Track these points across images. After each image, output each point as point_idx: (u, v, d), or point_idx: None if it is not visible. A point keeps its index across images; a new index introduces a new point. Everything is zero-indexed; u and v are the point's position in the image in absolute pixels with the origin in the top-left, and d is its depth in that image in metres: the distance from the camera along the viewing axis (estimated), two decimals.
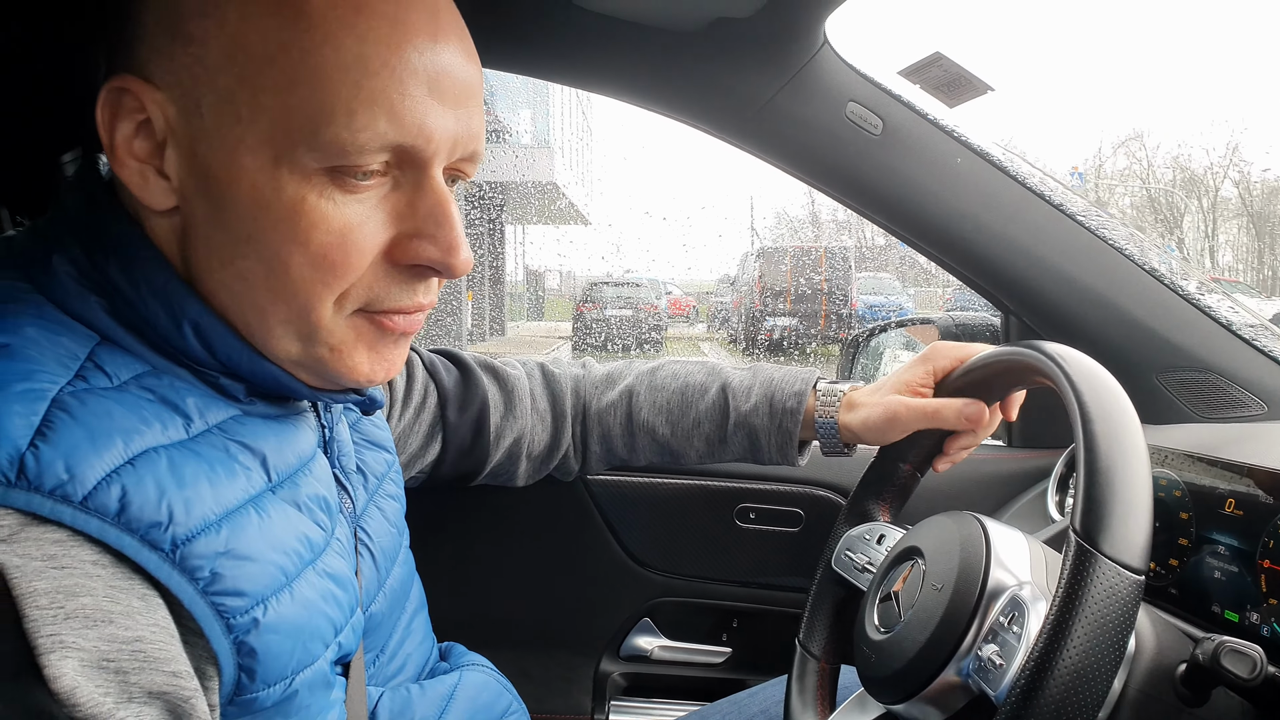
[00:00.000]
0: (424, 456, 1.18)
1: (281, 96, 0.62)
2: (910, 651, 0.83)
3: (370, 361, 0.70)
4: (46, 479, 0.54)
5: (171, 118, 0.64)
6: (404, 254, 0.67)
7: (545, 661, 1.49)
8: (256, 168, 0.63)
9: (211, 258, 0.66)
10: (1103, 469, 0.73)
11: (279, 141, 0.62)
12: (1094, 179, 32.35)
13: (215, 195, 0.64)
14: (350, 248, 0.65)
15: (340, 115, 0.62)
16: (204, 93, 0.63)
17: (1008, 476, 1.39)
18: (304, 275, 0.64)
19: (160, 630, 0.57)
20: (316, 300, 0.66)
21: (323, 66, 0.61)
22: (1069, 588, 0.69)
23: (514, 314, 24.47)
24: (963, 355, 1.07)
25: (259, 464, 0.68)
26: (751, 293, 16.86)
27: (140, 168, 0.65)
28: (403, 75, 0.63)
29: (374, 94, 0.62)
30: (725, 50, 1.22)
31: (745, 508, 1.44)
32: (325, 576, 0.70)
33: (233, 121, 0.63)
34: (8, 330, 0.61)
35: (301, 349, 0.68)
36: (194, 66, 0.63)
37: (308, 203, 0.63)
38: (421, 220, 0.67)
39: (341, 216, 0.64)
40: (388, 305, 0.69)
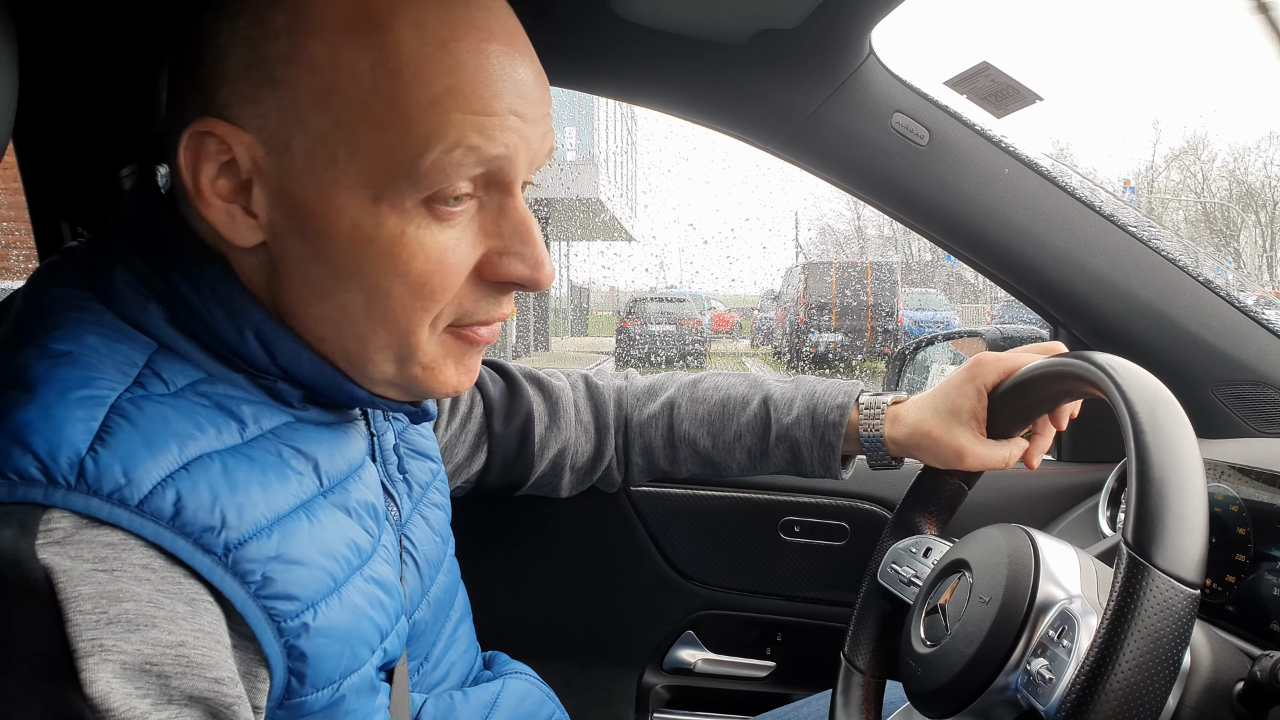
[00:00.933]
0: (470, 466, 1.19)
1: (377, 136, 0.63)
2: (957, 665, 0.82)
3: (458, 374, 0.73)
4: (105, 483, 0.55)
5: (260, 159, 0.65)
6: (493, 271, 0.70)
7: (588, 672, 1.49)
8: (356, 205, 0.64)
9: (309, 292, 0.68)
10: (1156, 480, 0.71)
11: (378, 180, 0.64)
12: (1146, 193, 31.83)
13: (311, 232, 0.65)
14: (447, 273, 0.67)
15: (436, 147, 0.63)
16: (294, 134, 0.64)
17: (1057, 491, 1.37)
18: (404, 303, 0.67)
19: (205, 635, 0.57)
20: (416, 324, 0.68)
21: (416, 104, 0.63)
22: (1121, 601, 0.68)
23: (557, 329, 24.58)
24: (1010, 366, 1.05)
25: (311, 469, 0.69)
26: (796, 308, 16.79)
27: (227, 207, 0.66)
28: (489, 100, 0.65)
29: (465, 122, 0.64)
30: (770, 62, 1.22)
31: (790, 521, 1.43)
32: (372, 582, 0.71)
33: (327, 162, 0.64)
34: (69, 338, 0.62)
35: (397, 370, 0.70)
36: (283, 110, 0.64)
37: (407, 235, 0.65)
38: (508, 239, 0.69)
39: (437, 244, 0.66)
40: (476, 319, 0.71)
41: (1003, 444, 1.06)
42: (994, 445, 1.06)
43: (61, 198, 1.35)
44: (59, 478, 0.55)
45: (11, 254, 8.73)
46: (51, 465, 0.55)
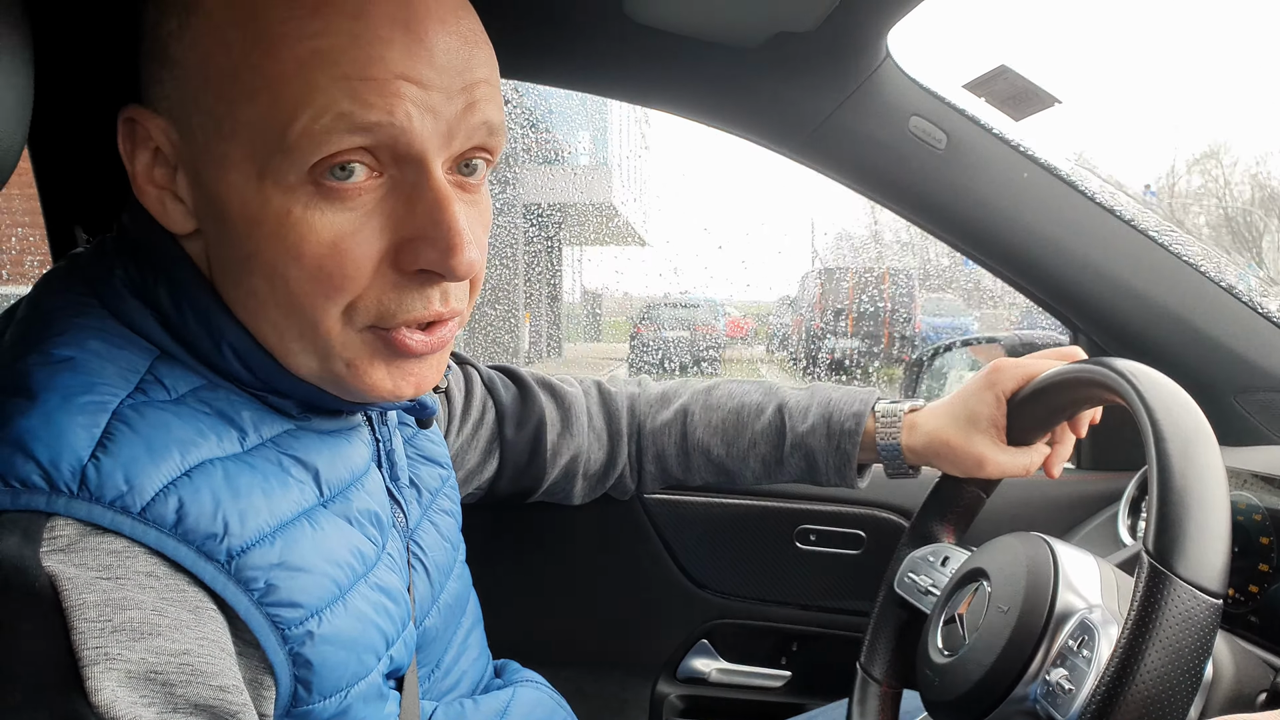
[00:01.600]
0: (481, 473, 1.19)
1: (250, 107, 0.61)
2: (975, 675, 0.81)
3: (392, 377, 0.68)
4: (107, 490, 0.55)
5: (175, 142, 0.65)
6: (407, 259, 0.64)
7: (601, 681, 1.48)
8: (243, 183, 0.62)
9: (227, 277, 0.66)
10: (1177, 488, 0.70)
11: (258, 154, 0.61)
12: (1167, 197, 31.63)
13: (218, 215, 0.64)
14: (344, 257, 0.62)
15: (303, 109, 0.59)
16: (191, 113, 0.63)
17: (1076, 499, 1.36)
18: (304, 289, 0.63)
19: (209, 644, 0.57)
20: (320, 313, 0.64)
21: (282, 70, 0.60)
22: (1142, 610, 0.67)
23: (571, 334, 24.60)
24: (1029, 373, 1.04)
25: (311, 478, 0.69)
26: (812, 313, 16.75)
27: (159, 194, 0.66)
28: (366, 64, 0.60)
29: (333, 81, 0.60)
30: (786, 65, 1.21)
31: (805, 529, 1.42)
32: (377, 589, 0.71)
33: (217, 139, 0.62)
34: (72, 344, 0.62)
35: (319, 365, 0.67)
36: (180, 88, 0.63)
37: (293, 214, 0.61)
38: (420, 221, 0.64)
39: (331, 226, 0.62)
40: (401, 317, 0.66)
41: (1023, 451, 1.05)
42: (1014, 452, 1.04)
43: (76, 203, 1.36)
44: (61, 485, 0.55)
45: (26, 259, 8.82)
46: (54, 473, 0.55)
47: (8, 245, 8.64)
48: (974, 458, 1.04)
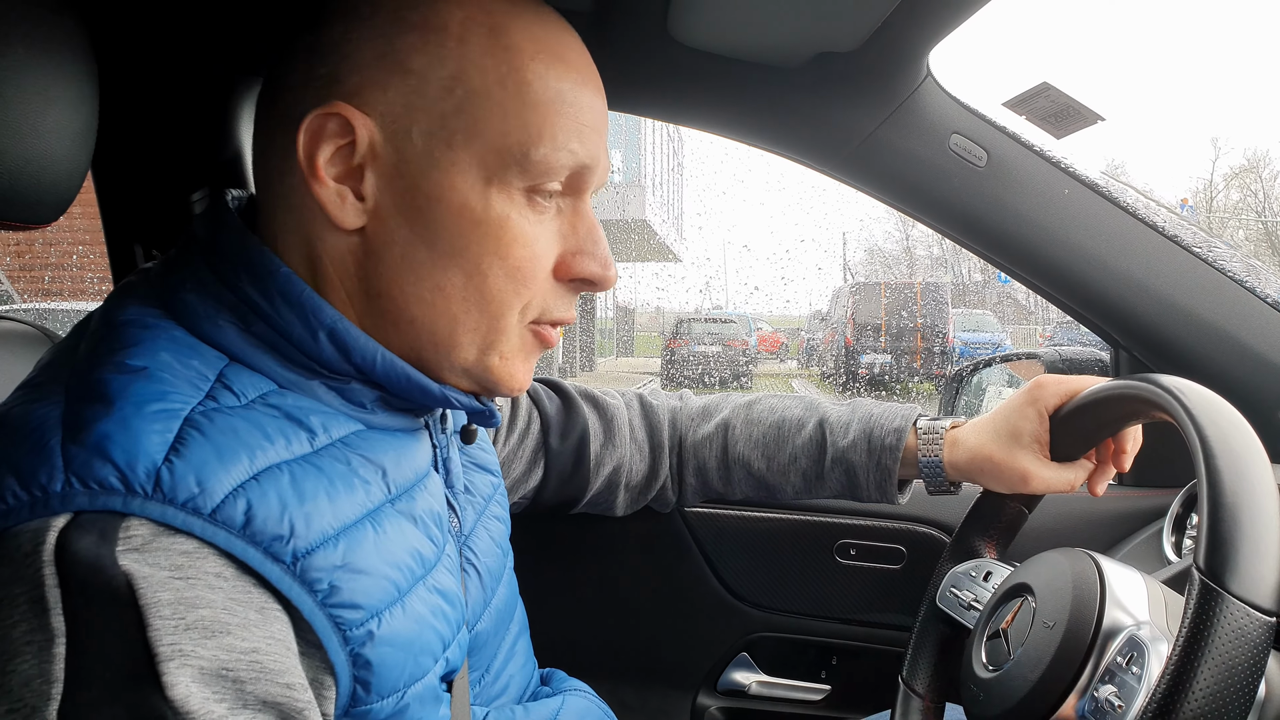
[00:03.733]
0: (527, 482, 1.20)
1: (496, 123, 0.70)
2: (1021, 691, 0.81)
3: (524, 372, 0.77)
4: (179, 492, 0.57)
5: (377, 143, 0.69)
6: (568, 270, 0.75)
7: (643, 693, 1.49)
8: (467, 187, 0.70)
9: (408, 273, 0.71)
10: (1228, 505, 0.70)
11: (491, 164, 0.70)
12: (1205, 212, 31.13)
13: (420, 213, 0.70)
14: (538, 261, 0.73)
15: (547, 139, 0.71)
16: (417, 118, 0.69)
17: (1118, 516, 1.35)
18: (500, 286, 0.72)
19: (276, 642, 0.59)
20: (508, 309, 0.73)
21: (534, 100, 0.70)
22: (1194, 628, 0.66)
23: (603, 349, 24.63)
24: (1071, 389, 1.04)
25: (379, 476, 0.71)
26: (844, 329, 16.67)
27: (338, 189, 0.70)
28: (583, 112, 0.73)
29: (570, 121, 0.72)
30: (827, 84, 1.22)
31: (845, 544, 1.42)
32: (435, 592, 0.72)
33: (446, 146, 0.69)
34: (144, 355, 0.65)
35: (478, 356, 0.74)
36: (410, 96, 0.69)
37: (512, 219, 0.71)
38: (582, 239, 0.76)
39: (534, 233, 0.72)
40: (554, 316, 0.76)
41: (1068, 467, 1.05)
42: (1059, 468, 1.04)
43: (135, 222, 1.39)
44: (137, 487, 0.57)
45: (86, 276, 8.97)
46: (130, 475, 0.57)
47: (69, 262, 8.82)
48: (1018, 473, 1.05)
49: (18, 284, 9.99)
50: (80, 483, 0.56)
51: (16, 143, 0.81)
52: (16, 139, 0.81)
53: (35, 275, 10.01)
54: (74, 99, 0.87)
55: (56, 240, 9.56)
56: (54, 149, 0.85)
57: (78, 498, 0.56)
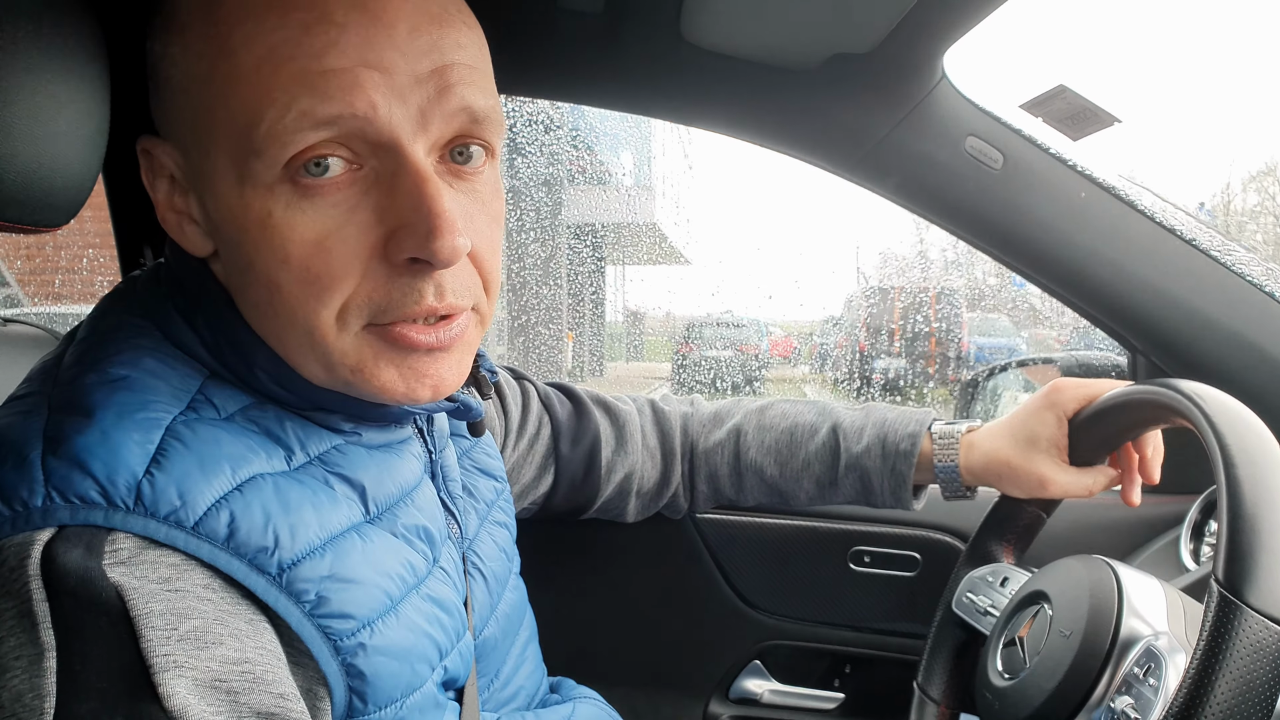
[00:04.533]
0: (537, 488, 1.20)
1: (222, 113, 0.61)
2: (1037, 699, 0.80)
3: (404, 379, 0.66)
4: (161, 505, 0.57)
5: (180, 165, 0.66)
6: (392, 250, 0.62)
7: (654, 700, 1.48)
8: (228, 192, 0.62)
9: (238, 295, 0.67)
10: (1248, 515, 0.69)
11: (235, 160, 0.61)
12: (1223, 215, 30.91)
13: (218, 230, 0.65)
14: (329, 255, 0.61)
15: (266, 109, 0.59)
16: (185, 133, 0.64)
17: (1135, 522, 1.33)
18: (294, 292, 0.62)
19: (267, 653, 0.58)
20: (314, 317, 0.63)
21: (241, 68, 0.60)
22: (1211, 641, 0.66)
23: (612, 354, 24.61)
24: (1089, 394, 1.03)
25: (358, 496, 0.70)
26: (857, 333, 16.62)
27: (178, 219, 0.68)
28: (319, 51, 0.59)
29: (291, 76, 0.59)
30: (841, 86, 1.22)
31: (859, 550, 1.41)
32: (429, 601, 0.71)
33: (201, 152, 0.63)
34: (128, 364, 0.64)
35: (326, 373, 0.66)
36: (173, 109, 0.65)
37: (275, 216, 0.61)
38: (402, 212, 0.62)
39: (313, 224, 0.61)
40: (394, 314, 0.63)
41: (1086, 471, 1.03)
42: (1077, 473, 1.03)
43: (146, 226, 1.39)
44: (118, 501, 0.56)
45: (96, 280, 9.03)
46: (110, 489, 0.56)
47: (79, 266, 8.85)
48: (1036, 478, 1.04)
49: (27, 287, 10.05)
50: (61, 497, 0.56)
51: (28, 146, 0.81)
52: (28, 142, 0.81)
53: (45, 279, 10.07)
54: (86, 102, 0.87)
55: (67, 244, 9.60)
56: (65, 152, 0.85)
57: (59, 512, 0.55)
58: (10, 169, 0.80)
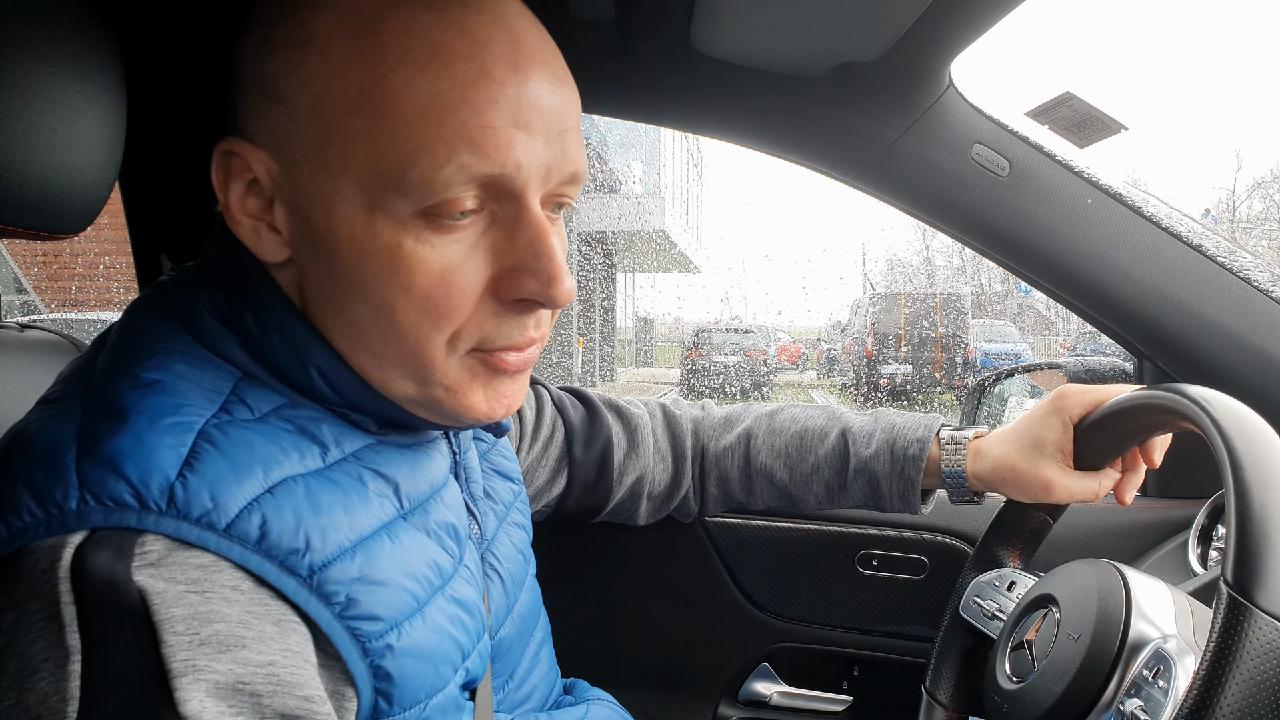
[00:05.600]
0: (550, 490, 1.21)
1: (366, 145, 0.63)
2: (1045, 702, 0.80)
3: (487, 400, 0.71)
4: (194, 507, 0.57)
5: (275, 174, 0.67)
6: (507, 289, 0.67)
7: (664, 703, 1.49)
8: (352, 217, 0.64)
9: (326, 305, 0.68)
10: (1256, 517, 0.70)
11: (370, 189, 0.63)
12: (1228, 222, 30.84)
13: (320, 246, 0.66)
14: (452, 289, 0.65)
15: (423, 155, 0.62)
16: (298, 147, 0.65)
17: (1143, 526, 1.34)
18: (411, 319, 0.65)
19: (293, 655, 0.59)
20: (426, 342, 0.66)
21: (401, 110, 0.62)
22: (1221, 642, 0.66)
23: (623, 360, 24.66)
24: (1096, 399, 1.04)
25: (392, 491, 0.70)
26: (864, 339, 16.62)
27: (253, 224, 0.68)
28: (481, 107, 0.62)
29: (454, 129, 0.62)
30: (848, 94, 1.23)
31: (867, 554, 1.42)
32: (454, 602, 0.72)
33: (326, 174, 0.64)
34: (159, 368, 0.65)
35: (418, 390, 0.69)
36: (287, 123, 0.65)
37: (404, 248, 0.64)
38: (521, 253, 0.66)
39: (440, 258, 0.64)
40: (500, 343, 0.69)
41: (1091, 476, 1.04)
42: (1082, 477, 1.04)
43: (162, 232, 1.41)
44: (151, 503, 0.57)
45: (112, 286, 9.06)
46: (144, 491, 0.57)
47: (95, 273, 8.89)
48: (1041, 482, 1.04)
49: (44, 294, 10.11)
50: (95, 500, 0.56)
51: (45, 153, 0.82)
52: (45, 149, 0.82)
53: (62, 285, 10.13)
54: (102, 110, 0.88)
55: (83, 251, 9.66)
56: (82, 159, 0.86)
57: (93, 515, 0.56)
58: (28, 176, 0.81)
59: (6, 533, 0.56)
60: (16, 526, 0.56)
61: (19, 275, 9.89)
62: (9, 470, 0.59)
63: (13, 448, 0.61)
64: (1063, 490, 1.03)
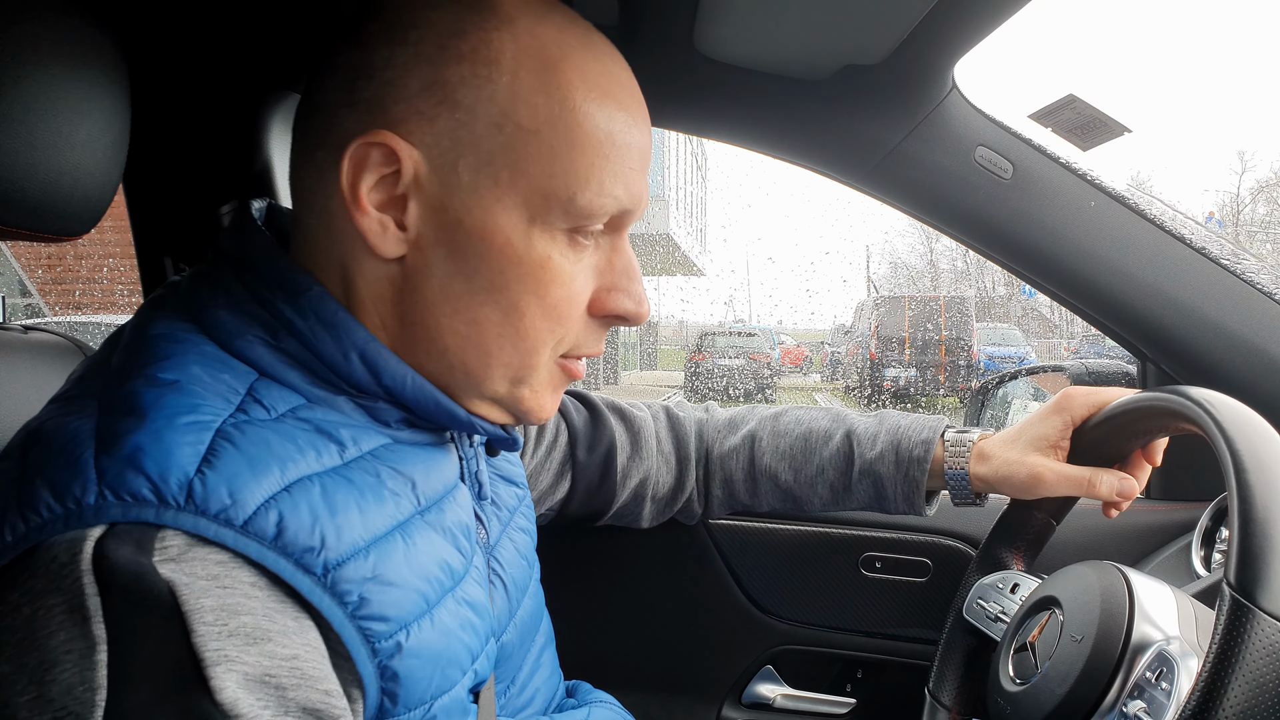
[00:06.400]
0: (554, 494, 1.21)
1: (544, 164, 0.69)
2: (1049, 704, 0.80)
3: (552, 403, 0.78)
4: (211, 504, 0.58)
5: (422, 174, 0.69)
6: (602, 306, 0.75)
7: (668, 706, 1.49)
8: (511, 225, 0.70)
9: (444, 304, 0.71)
10: (1259, 519, 0.70)
11: (535, 204, 0.69)
12: (1232, 226, 30.79)
13: (462, 248, 0.70)
14: (575, 300, 0.73)
15: (593, 184, 0.70)
16: (464, 153, 0.69)
17: (1146, 529, 1.34)
18: (536, 324, 0.72)
19: (313, 650, 0.59)
20: (541, 345, 0.73)
21: (582, 141, 0.70)
22: (1224, 644, 0.66)
23: (627, 363, 24.67)
24: (1099, 401, 1.04)
25: (409, 488, 0.71)
26: (868, 342, 16.62)
27: (380, 218, 0.70)
28: (631, 151, 0.72)
29: (617, 166, 0.71)
30: (852, 97, 1.23)
31: (871, 557, 1.42)
32: (464, 604, 0.72)
33: (492, 183, 0.69)
34: (175, 368, 0.65)
35: (510, 390, 0.75)
36: (458, 130, 0.68)
37: (553, 260, 0.71)
38: (617, 276, 0.76)
39: (573, 272, 0.72)
40: (585, 350, 0.77)
41: (1083, 468, 1.03)
42: (1073, 468, 1.03)
43: (166, 235, 1.41)
44: (169, 499, 0.57)
45: (116, 289, 9.09)
46: (162, 487, 0.57)
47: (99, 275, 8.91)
48: (1032, 472, 1.04)
49: (48, 297, 10.14)
50: (114, 495, 0.57)
51: (49, 155, 0.82)
52: (49, 151, 0.82)
53: (66, 289, 10.15)
54: (106, 112, 0.88)
55: (87, 254, 9.68)
56: (86, 161, 0.87)
57: (111, 510, 0.56)
58: (32, 178, 0.81)
59: (24, 529, 0.57)
60: (34, 522, 0.57)
61: (23, 278, 9.93)
62: (26, 466, 0.60)
63: (29, 444, 0.62)
64: (1053, 476, 1.02)
